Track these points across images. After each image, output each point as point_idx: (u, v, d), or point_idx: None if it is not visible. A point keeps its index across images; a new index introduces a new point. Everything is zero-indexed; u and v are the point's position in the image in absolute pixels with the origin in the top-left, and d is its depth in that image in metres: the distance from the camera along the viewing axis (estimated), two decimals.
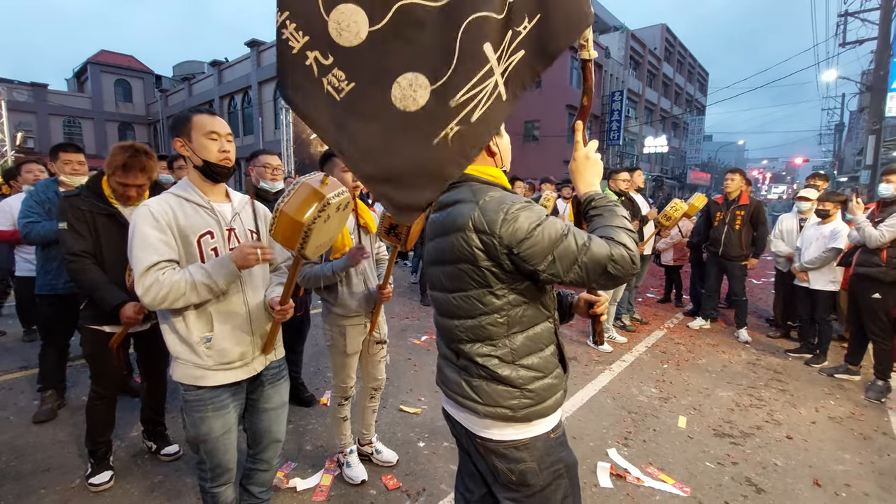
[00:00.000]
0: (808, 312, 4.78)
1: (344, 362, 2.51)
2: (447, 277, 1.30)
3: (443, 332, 1.40)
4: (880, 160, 14.25)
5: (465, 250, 1.21)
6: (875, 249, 3.77)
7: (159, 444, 2.83)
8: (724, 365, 4.59)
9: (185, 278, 1.58)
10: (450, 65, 1.09)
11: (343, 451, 2.64)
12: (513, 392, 1.26)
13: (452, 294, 1.29)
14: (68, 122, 30.94)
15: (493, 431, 1.29)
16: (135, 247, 1.60)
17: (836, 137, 32.28)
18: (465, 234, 1.20)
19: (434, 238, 1.35)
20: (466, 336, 1.29)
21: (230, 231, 1.77)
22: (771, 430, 3.33)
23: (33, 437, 3.01)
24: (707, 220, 5.65)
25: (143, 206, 1.63)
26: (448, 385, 1.39)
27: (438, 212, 1.34)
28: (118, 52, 34.24)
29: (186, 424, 1.77)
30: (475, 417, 1.30)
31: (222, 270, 1.63)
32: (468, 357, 1.30)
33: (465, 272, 1.24)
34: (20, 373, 4.01)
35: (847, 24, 16.97)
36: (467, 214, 1.20)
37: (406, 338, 5.14)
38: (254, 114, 23.03)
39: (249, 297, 1.79)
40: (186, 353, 1.69)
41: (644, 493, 2.58)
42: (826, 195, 4.66)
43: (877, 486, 2.71)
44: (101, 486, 2.49)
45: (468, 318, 1.28)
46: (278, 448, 2.02)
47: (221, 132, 1.72)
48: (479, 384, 1.28)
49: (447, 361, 1.42)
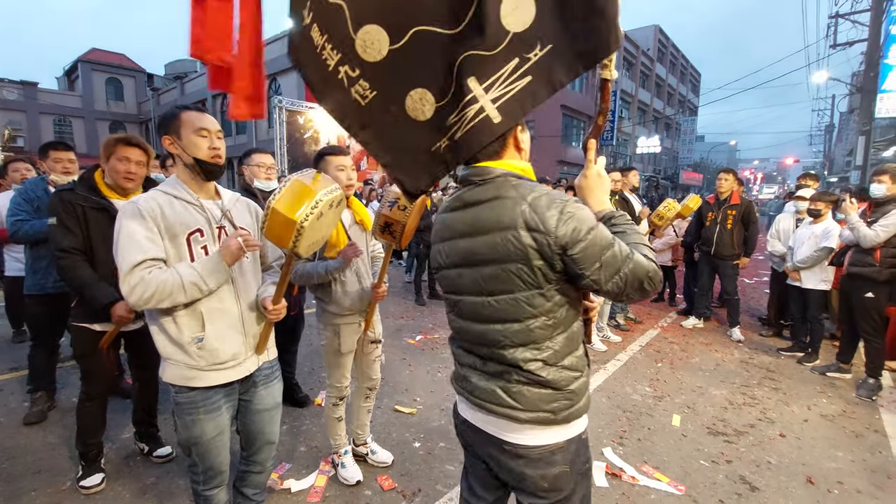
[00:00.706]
0: (801, 311, 4.82)
1: (338, 362, 2.49)
2: (486, 279, 1.21)
3: (471, 338, 1.31)
4: (870, 161, 14.41)
5: (514, 249, 1.14)
6: (869, 249, 3.80)
7: (151, 445, 2.80)
8: (717, 364, 4.62)
9: (172, 278, 1.55)
10: (450, 88, 1.25)
11: (338, 452, 2.63)
12: (554, 394, 1.22)
13: (494, 297, 1.21)
14: (59, 121, 30.61)
15: (529, 436, 1.25)
16: (120, 244, 1.57)
17: (827, 138, 32.61)
18: (515, 233, 1.13)
19: (459, 237, 1.26)
20: (510, 341, 1.21)
21: (220, 229, 1.74)
22: (764, 428, 3.35)
23: (24, 438, 2.97)
24: (699, 219, 5.69)
25: (131, 202, 1.61)
26: (476, 393, 1.30)
27: (460, 210, 1.28)
28: (109, 51, 33.93)
29: (178, 427, 1.74)
30: (514, 424, 1.24)
31: (211, 269, 1.61)
32: (510, 362, 1.23)
33: (514, 273, 1.16)
34: (10, 374, 3.96)
35: (838, 25, 17.15)
36: (516, 211, 1.14)
37: (401, 338, 5.12)
38: None
39: (241, 296, 1.76)
40: (177, 353, 1.66)
41: (639, 491, 2.59)
42: (818, 195, 4.70)
43: (868, 483, 2.73)
44: (92, 489, 2.45)
45: (514, 321, 1.20)
46: (272, 450, 2.00)
47: (211, 129, 1.68)
48: (520, 389, 1.22)
49: (472, 369, 1.33)
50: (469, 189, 1.26)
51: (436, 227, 1.38)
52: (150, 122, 32.69)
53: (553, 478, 1.25)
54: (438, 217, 1.38)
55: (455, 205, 1.30)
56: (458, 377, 1.39)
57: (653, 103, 37.06)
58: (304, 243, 1.51)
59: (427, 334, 5.32)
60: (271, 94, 20.96)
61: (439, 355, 4.65)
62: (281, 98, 15.10)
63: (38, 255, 3.10)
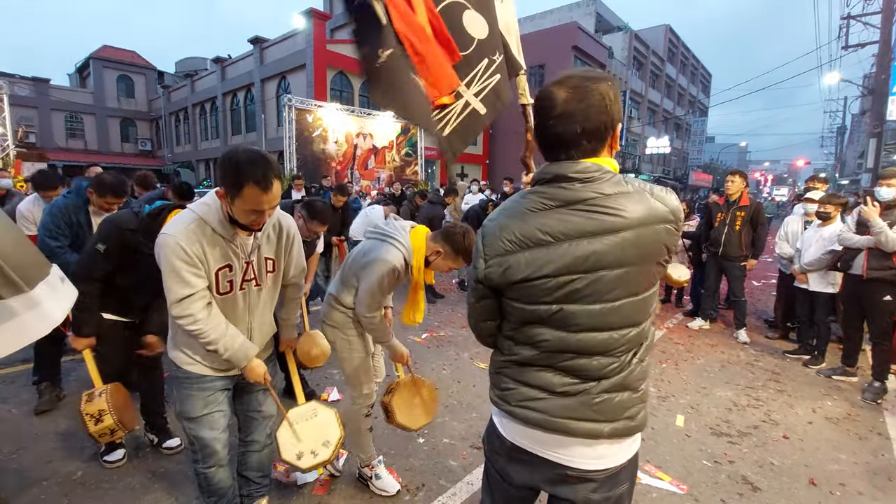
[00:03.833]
0: (807, 314, 4.80)
1: (365, 366, 2.43)
2: (622, 283, 1.07)
3: (581, 351, 1.12)
4: (881, 163, 14.25)
5: (659, 245, 1.08)
6: (889, 253, 3.76)
7: (161, 437, 2.85)
8: (722, 365, 4.61)
9: (212, 336, 1.70)
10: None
11: (370, 465, 2.52)
12: (632, 397, 1.15)
13: (621, 302, 1.09)
14: (70, 118, 30.95)
15: (610, 453, 1.16)
16: (167, 277, 1.64)
17: (838, 140, 32.29)
18: (666, 227, 1.07)
19: (593, 236, 1.06)
20: (626, 347, 1.12)
21: (248, 264, 1.80)
22: (768, 429, 3.35)
23: (35, 429, 3.04)
24: (707, 220, 5.69)
25: (172, 238, 1.60)
26: (549, 416, 1.15)
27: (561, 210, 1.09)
28: (121, 48, 34.22)
29: (175, 398, 1.88)
30: (590, 443, 1.14)
31: (237, 357, 1.77)
32: (624, 370, 1.13)
33: (649, 272, 1.09)
34: (21, 366, 4.02)
35: (849, 27, 16.96)
36: (657, 206, 1.06)
37: (406, 335, 5.15)
38: (256, 111, 23.00)
39: (254, 321, 1.90)
40: (184, 340, 1.80)
41: (641, 490, 2.60)
42: (827, 197, 4.67)
43: (870, 485, 2.73)
44: (115, 464, 2.61)
45: (634, 326, 1.11)
46: (267, 425, 2.08)
47: (265, 209, 1.62)
48: (607, 399, 1.13)
49: (545, 392, 1.17)
50: (573, 187, 1.08)
51: (505, 236, 1.13)
52: (160, 120, 32.99)
53: (617, 498, 1.19)
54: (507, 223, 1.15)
55: (552, 204, 1.10)
56: (525, 407, 1.20)
57: (662, 103, 36.86)
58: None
59: (433, 332, 5.35)
60: (280, 93, 21.04)
61: (444, 353, 4.68)
62: (290, 97, 15.17)
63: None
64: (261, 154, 1.56)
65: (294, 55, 20.17)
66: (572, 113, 1.05)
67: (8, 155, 14.24)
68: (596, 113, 1.05)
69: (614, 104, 1.07)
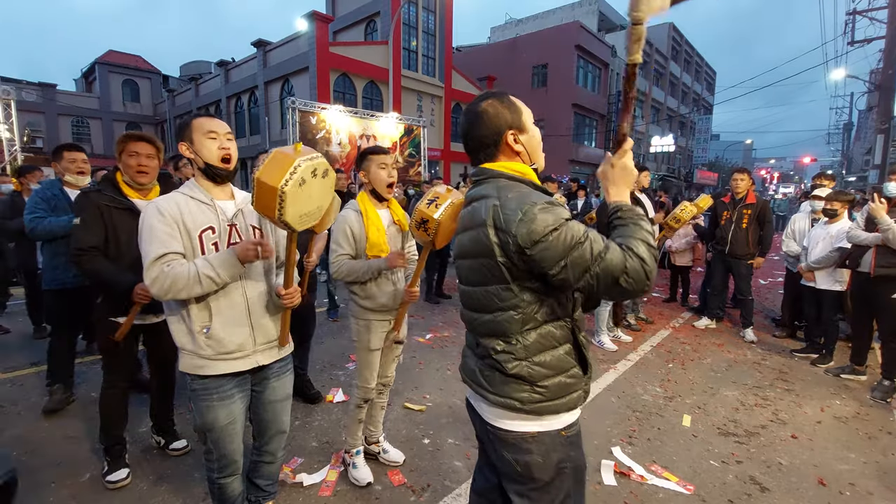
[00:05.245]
0: (815, 312, 4.76)
1: (367, 360, 2.51)
2: (470, 271, 1.34)
3: (466, 324, 1.44)
4: (889, 159, 14.13)
5: (484, 245, 1.24)
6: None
7: (168, 439, 2.86)
8: (729, 364, 4.59)
9: (189, 270, 1.64)
10: None
11: (350, 452, 2.65)
12: (523, 386, 1.28)
13: (474, 288, 1.34)
14: (76, 122, 31.17)
15: (504, 421, 1.32)
16: (143, 240, 1.69)
17: (845, 137, 32.04)
18: (485, 230, 1.23)
19: (461, 232, 1.39)
20: (483, 330, 1.33)
21: (231, 226, 1.81)
22: (776, 429, 3.33)
23: (44, 432, 3.06)
24: (714, 218, 5.66)
25: (152, 204, 1.72)
26: (465, 372, 1.46)
27: (466, 206, 1.38)
28: (126, 53, 34.47)
29: (194, 413, 1.83)
30: (486, 405, 1.35)
31: (225, 263, 1.69)
32: (484, 349, 1.34)
33: (486, 267, 1.26)
34: (31, 369, 4.06)
35: (855, 22, 16.84)
36: (488, 210, 1.23)
37: (411, 336, 5.15)
38: (260, 114, 23.06)
39: (248, 290, 1.83)
40: (189, 343, 1.76)
41: (648, 490, 2.59)
42: (833, 194, 4.63)
43: (881, 484, 2.71)
44: (118, 483, 2.50)
45: (486, 312, 1.31)
46: (283, 439, 2.07)
47: (220, 131, 1.79)
48: (492, 374, 1.33)
49: (469, 350, 1.47)
50: (472, 188, 1.38)
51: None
52: (166, 123, 33.16)
53: (525, 464, 1.30)
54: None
55: (465, 201, 1.41)
56: (462, 357, 1.54)
57: (667, 101, 36.70)
58: (291, 211, 1.51)
59: (437, 332, 5.35)
60: (283, 96, 21.10)
61: (449, 353, 4.68)
62: (293, 99, 15.21)
63: (56, 251, 3.19)
64: None
65: (297, 58, 20.22)
66: (464, 132, 1.38)
67: (16, 159, 14.35)
68: (475, 128, 1.34)
69: (495, 118, 1.31)
